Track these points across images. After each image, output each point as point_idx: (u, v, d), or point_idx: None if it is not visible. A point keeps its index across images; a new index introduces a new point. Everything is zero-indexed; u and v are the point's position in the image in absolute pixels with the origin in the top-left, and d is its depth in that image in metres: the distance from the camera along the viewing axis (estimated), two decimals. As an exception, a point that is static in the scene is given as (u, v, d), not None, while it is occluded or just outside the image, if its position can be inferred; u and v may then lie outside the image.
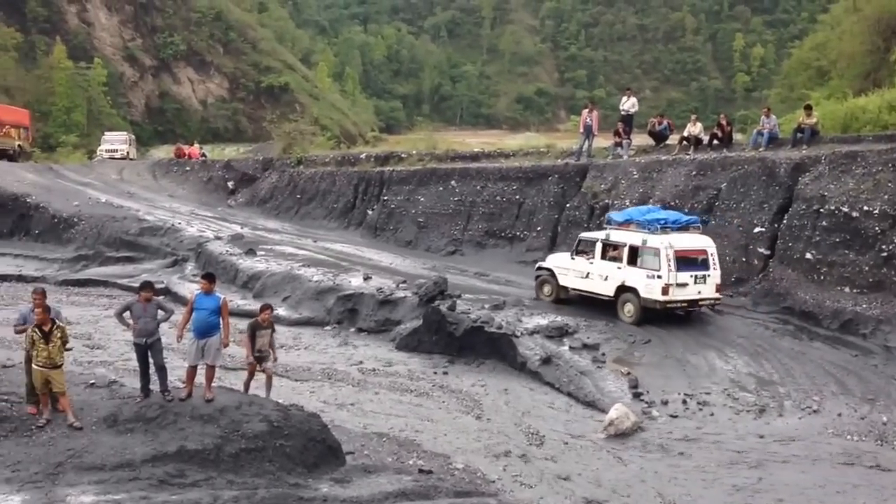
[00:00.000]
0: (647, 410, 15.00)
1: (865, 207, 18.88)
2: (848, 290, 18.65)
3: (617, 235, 19.67)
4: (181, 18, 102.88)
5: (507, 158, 30.46)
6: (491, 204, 27.40)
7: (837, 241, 19.07)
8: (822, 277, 19.22)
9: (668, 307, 18.61)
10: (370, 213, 31.58)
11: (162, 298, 13.93)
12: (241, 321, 19.56)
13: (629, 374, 16.32)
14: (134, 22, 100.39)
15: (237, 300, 22.47)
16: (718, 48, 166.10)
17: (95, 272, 28.11)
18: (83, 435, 11.13)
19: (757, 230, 20.86)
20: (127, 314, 12.08)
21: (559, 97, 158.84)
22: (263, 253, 27.10)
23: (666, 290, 18.27)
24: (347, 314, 21.95)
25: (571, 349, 17.66)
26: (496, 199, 27.26)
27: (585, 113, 27.76)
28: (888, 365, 16.52)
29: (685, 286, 18.47)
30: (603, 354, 17.40)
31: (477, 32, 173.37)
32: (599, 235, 20.22)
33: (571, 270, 20.45)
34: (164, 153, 59.35)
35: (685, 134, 25.94)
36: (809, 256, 19.42)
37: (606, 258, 19.64)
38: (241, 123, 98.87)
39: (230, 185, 38.92)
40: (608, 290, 19.53)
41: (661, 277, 18.31)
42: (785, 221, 20.38)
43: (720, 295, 19.29)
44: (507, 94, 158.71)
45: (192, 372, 12.17)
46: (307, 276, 24.02)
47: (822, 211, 19.50)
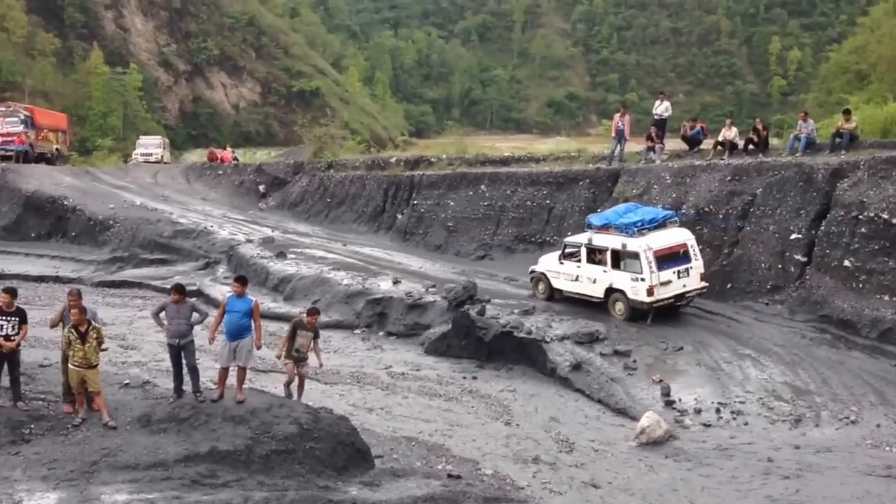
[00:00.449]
0: (679, 419, 14.83)
1: (905, 214, 18.52)
2: (887, 298, 18.26)
3: (599, 239, 20.22)
4: (215, 24, 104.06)
5: (537, 163, 30.33)
6: (521, 209, 27.29)
7: (877, 248, 18.70)
8: (860, 285, 18.85)
9: (655, 306, 19.13)
10: (400, 217, 31.60)
11: (195, 301, 14.04)
12: (271, 323, 19.80)
13: (661, 381, 16.15)
14: (169, 27, 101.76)
15: (268, 303, 22.61)
16: (754, 51, 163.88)
17: (130, 274, 28.41)
18: (117, 434, 11.25)
19: (794, 237, 20.54)
20: (162, 314, 12.21)
21: (590, 101, 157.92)
22: (294, 256, 27.25)
23: (651, 291, 18.92)
24: (377, 318, 21.99)
25: (602, 356, 17.52)
26: (526, 203, 27.15)
27: (617, 117, 27.58)
28: (928, 375, 16.19)
29: (669, 283, 19.11)
30: (634, 361, 17.24)
31: (508, 36, 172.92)
32: (582, 240, 20.76)
33: (562, 274, 21.04)
34: (197, 157, 59.95)
35: (720, 138, 25.65)
36: (848, 264, 19.07)
37: (592, 262, 20.24)
38: (272, 127, 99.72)
39: (261, 188, 39.12)
40: (598, 292, 20.12)
41: (644, 280, 18.93)
42: (822, 228, 20.04)
43: (706, 284, 19.91)
44: (537, 98, 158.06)
45: (223, 373, 12.25)
46: (337, 279, 24.10)
47: (860, 217, 19.14)
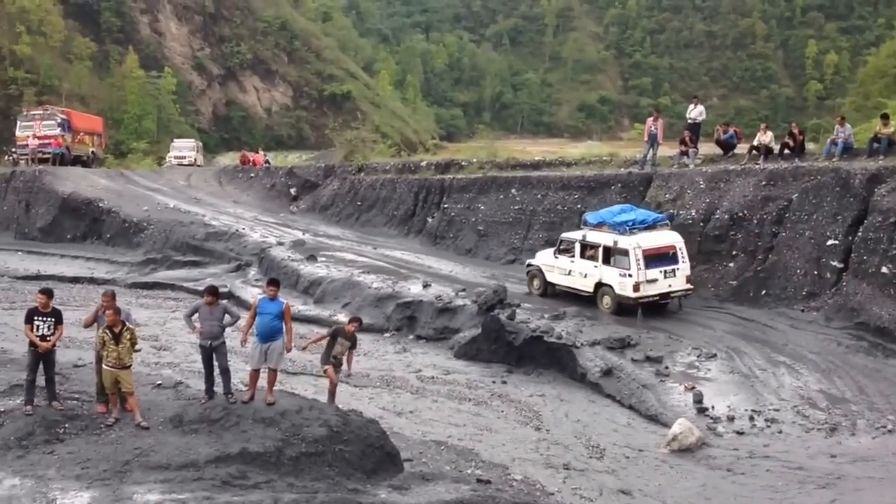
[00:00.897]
0: (712, 426, 14.65)
1: (944, 220, 18.16)
2: (925, 306, 17.92)
3: (592, 236, 21.25)
4: (248, 28, 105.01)
5: (568, 167, 30.19)
6: (552, 213, 27.15)
7: (915, 255, 18.35)
8: (898, 292, 18.51)
9: (640, 302, 20.03)
10: (430, 220, 31.62)
11: (227, 303, 14.12)
12: (301, 326, 19.88)
13: (694, 388, 15.96)
14: (203, 32, 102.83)
15: (298, 305, 22.70)
16: (790, 55, 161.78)
17: (163, 275, 28.74)
18: (150, 434, 11.34)
19: (830, 243, 20.22)
20: (195, 316, 12.28)
21: (622, 105, 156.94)
22: (324, 259, 27.38)
23: (637, 287, 19.89)
24: (406, 321, 22.01)
25: (633, 361, 17.38)
26: (557, 207, 27.01)
27: (650, 121, 27.36)
28: (968, 385, 15.84)
29: (655, 282, 20.05)
30: (666, 368, 17.07)
31: (539, 40, 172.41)
32: (577, 236, 21.72)
33: (556, 268, 22.16)
34: (229, 160, 60.43)
35: (755, 143, 25.33)
36: (885, 270, 18.71)
37: (585, 257, 21.27)
38: (303, 131, 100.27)
39: (292, 191, 39.37)
40: (588, 286, 21.23)
41: (631, 276, 19.91)
42: (860, 234, 19.68)
43: (691, 286, 20.74)
44: (569, 102, 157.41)
45: (254, 375, 12.31)
46: (367, 282, 24.18)
47: (899, 224, 18.80)
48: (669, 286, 20.34)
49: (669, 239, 20.72)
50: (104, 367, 11.81)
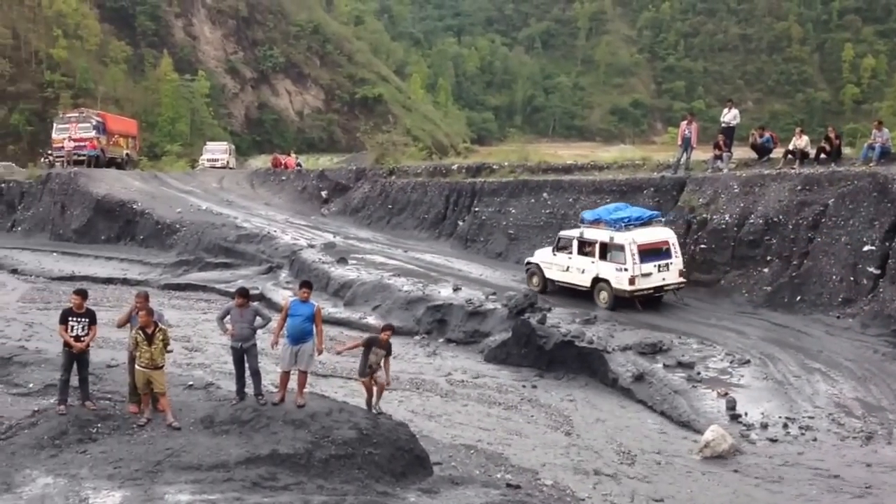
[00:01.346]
0: (745, 433, 14.43)
1: None
2: (965, 313, 17.55)
3: (589, 233, 22.07)
4: (281, 32, 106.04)
5: (600, 171, 29.99)
6: (584, 217, 27.00)
7: (954, 261, 17.99)
8: (936, 299, 18.15)
9: (636, 295, 20.93)
10: (461, 224, 31.58)
11: (258, 304, 14.21)
12: (331, 328, 19.94)
13: (727, 394, 15.75)
14: (236, 35, 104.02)
15: (328, 308, 22.75)
16: (826, 59, 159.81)
17: (195, 277, 28.93)
18: (181, 435, 11.43)
19: (867, 248, 19.88)
20: (227, 318, 12.35)
21: (656, 109, 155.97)
22: (355, 262, 27.44)
23: (633, 280, 20.76)
24: (436, 324, 21.96)
25: (665, 367, 17.19)
26: (589, 212, 26.83)
27: (684, 125, 27.09)
28: None
29: (650, 275, 20.95)
30: (699, 374, 16.86)
31: (572, 43, 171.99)
32: (575, 233, 22.55)
33: (554, 265, 22.98)
34: (261, 162, 60.97)
35: (790, 147, 24.99)
36: (923, 277, 18.39)
37: (582, 253, 22.07)
38: (335, 134, 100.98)
39: (324, 194, 39.55)
40: (585, 281, 22.01)
41: (627, 270, 20.79)
42: (897, 240, 19.36)
43: (684, 279, 21.55)
44: (601, 105, 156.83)
45: (285, 377, 12.35)
46: (397, 285, 24.17)
47: (937, 229, 18.45)
48: (663, 279, 21.28)
49: (663, 235, 21.67)
50: (137, 367, 11.93)
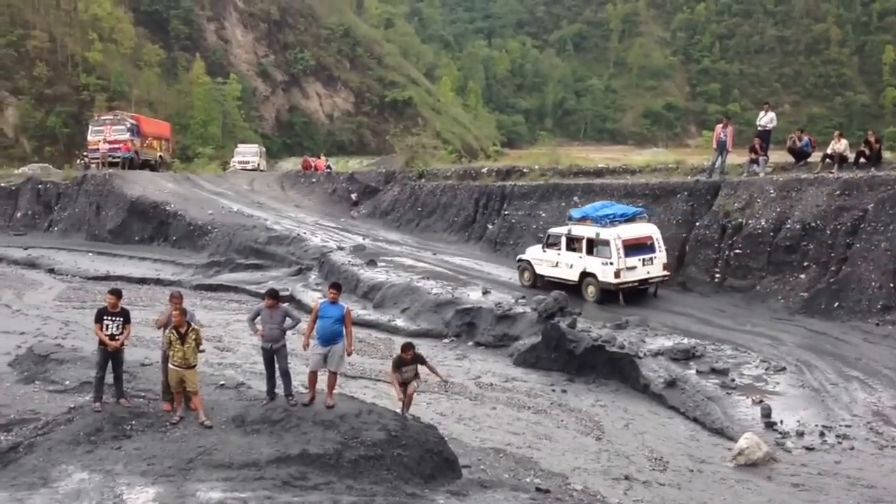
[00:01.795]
0: (780, 441, 14.19)
1: None
2: None
3: (577, 230, 23.13)
4: (311, 35, 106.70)
5: (632, 175, 29.73)
6: (615, 220, 26.80)
7: None
8: (978, 307, 17.75)
9: (621, 287, 21.97)
10: (490, 227, 31.48)
11: (287, 306, 14.24)
12: (360, 330, 19.96)
13: (762, 401, 15.51)
14: (267, 39, 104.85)
15: (357, 310, 22.78)
16: (866, 61, 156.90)
17: (226, 278, 29.14)
18: (213, 433, 11.49)
19: (906, 254, 19.50)
20: (257, 319, 12.41)
21: (690, 112, 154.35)
22: (384, 264, 27.47)
23: (618, 273, 21.78)
24: (465, 328, 21.87)
25: (699, 373, 16.98)
26: (621, 215, 26.61)
27: (719, 128, 26.79)
28: None
29: (634, 269, 21.97)
30: (733, 380, 16.63)
31: (604, 45, 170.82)
32: (563, 230, 23.62)
33: (544, 261, 24.00)
34: (291, 165, 61.35)
35: (829, 151, 24.61)
36: (964, 284, 17.99)
37: (570, 249, 23.10)
38: (365, 137, 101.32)
39: (353, 196, 39.67)
40: (573, 276, 23.01)
41: (612, 264, 21.83)
42: (938, 246, 18.97)
43: (667, 273, 22.70)
44: (633, 108, 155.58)
45: (314, 378, 12.35)
46: (426, 288, 24.13)
47: (979, 235, 18.04)
48: (648, 273, 22.33)
49: (647, 230, 22.70)
50: (170, 366, 12.01)
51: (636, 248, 22.05)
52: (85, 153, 46.24)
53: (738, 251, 22.92)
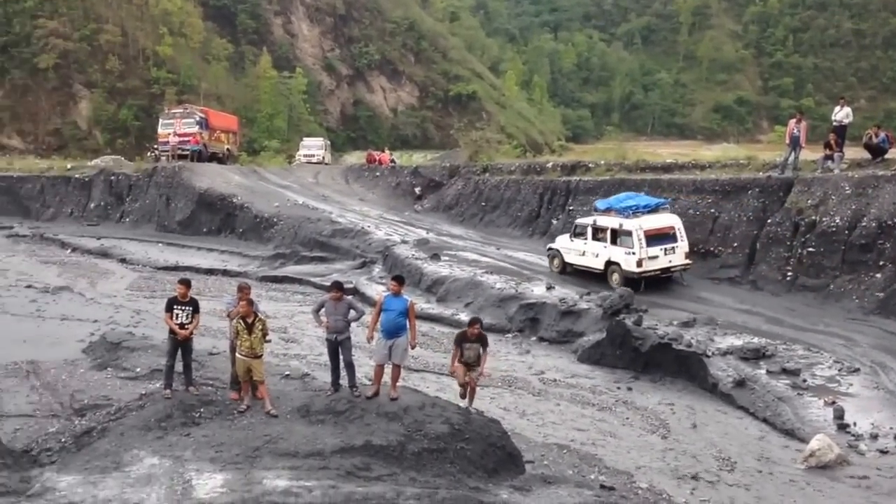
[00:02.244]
0: (853, 443, 13.79)
1: None
2: None
3: (602, 220, 24.06)
4: (376, 29, 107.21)
5: (701, 170, 29.11)
6: (683, 217, 26.24)
7: None
8: None
9: (643, 276, 22.70)
10: (555, 222, 31.21)
11: (352, 298, 14.36)
12: (424, 324, 20.01)
13: (834, 403, 15.07)
14: (333, 33, 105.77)
15: (421, 303, 22.81)
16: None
17: (291, 270, 29.55)
18: (279, 423, 11.63)
19: None
20: (321, 311, 12.52)
21: (761, 106, 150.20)
22: (447, 258, 27.50)
23: (640, 263, 22.60)
24: (529, 323, 21.79)
25: (769, 373, 16.58)
26: (689, 212, 26.04)
27: (793, 123, 26.04)
28: None
29: (656, 258, 22.71)
30: (804, 381, 16.20)
31: (673, 39, 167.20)
32: (589, 221, 24.58)
33: (572, 250, 25.03)
34: (356, 158, 61.74)
35: (906, 147, 23.75)
36: None
37: (596, 239, 24.06)
38: (429, 131, 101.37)
39: (417, 190, 39.79)
40: (599, 264, 24.00)
41: (635, 254, 22.57)
42: None
43: (689, 261, 23.41)
44: (703, 102, 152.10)
45: (379, 370, 12.41)
46: (490, 282, 24.11)
47: None
48: (669, 262, 23.06)
49: (669, 221, 23.51)
50: (237, 355, 12.19)
51: (658, 237, 22.80)
52: (155, 146, 47.34)
53: (811, 249, 22.27)
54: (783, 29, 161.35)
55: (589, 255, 24.33)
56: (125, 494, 9.77)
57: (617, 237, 23.34)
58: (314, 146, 55.49)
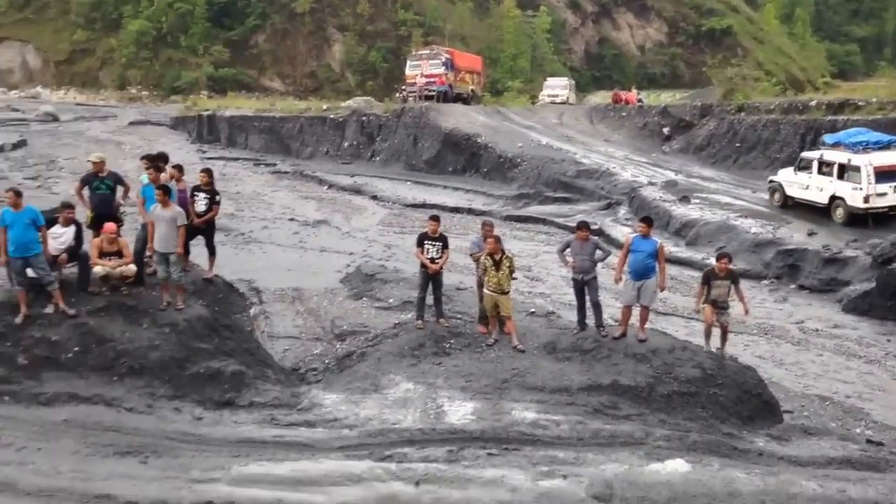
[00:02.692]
0: None
1: None
2: None
3: (829, 155, 23.47)
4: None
5: None
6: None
7: None
8: None
9: (869, 212, 22.05)
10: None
11: (597, 238, 14.12)
12: (672, 267, 19.35)
13: None
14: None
15: (669, 247, 21.94)
16: None
17: (535, 210, 29.62)
18: (525, 357, 11.81)
19: None
20: (567, 251, 12.44)
21: None
22: (698, 201, 26.36)
23: (867, 199, 21.97)
24: (787, 269, 20.55)
25: None
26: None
27: None
28: None
29: (885, 195, 21.92)
30: None
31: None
32: (816, 155, 24.09)
33: (795, 183, 24.51)
34: (600, 98, 60.52)
35: None
36: None
37: (822, 173, 23.50)
38: (678, 69, 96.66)
39: (665, 131, 38.31)
40: (823, 199, 23.47)
41: (862, 189, 21.92)
42: None
43: None
44: None
45: (627, 312, 12.19)
46: (744, 227, 22.97)
47: None
48: None
49: None
50: (485, 291, 12.44)
51: (888, 175, 22.05)
52: (403, 87, 49.01)
53: None
54: None
55: (813, 188, 23.78)
56: (384, 414, 10.41)
57: (844, 172, 22.68)
58: (558, 86, 54.99)
